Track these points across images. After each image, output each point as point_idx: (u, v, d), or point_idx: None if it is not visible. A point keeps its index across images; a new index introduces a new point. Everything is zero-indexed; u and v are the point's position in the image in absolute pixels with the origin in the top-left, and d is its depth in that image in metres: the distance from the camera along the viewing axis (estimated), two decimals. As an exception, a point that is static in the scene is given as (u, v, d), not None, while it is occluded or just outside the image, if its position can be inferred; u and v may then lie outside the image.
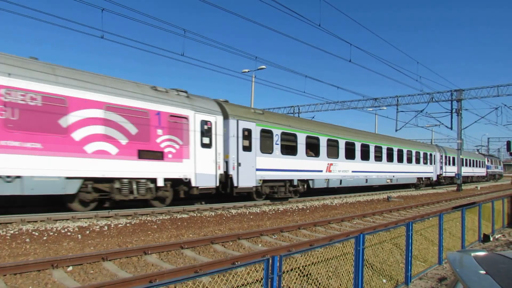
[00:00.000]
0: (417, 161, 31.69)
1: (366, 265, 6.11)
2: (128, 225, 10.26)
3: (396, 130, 37.32)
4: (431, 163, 34.49)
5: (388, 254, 7.43)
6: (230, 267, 4.58)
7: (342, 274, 6.02)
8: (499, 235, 12.39)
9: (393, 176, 27.70)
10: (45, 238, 8.37)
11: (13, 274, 5.72)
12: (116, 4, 12.03)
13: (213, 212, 13.30)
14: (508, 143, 36.34)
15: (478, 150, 65.34)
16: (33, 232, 8.72)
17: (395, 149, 28.20)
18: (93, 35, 20.88)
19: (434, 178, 35.24)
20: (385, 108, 38.54)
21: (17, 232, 8.63)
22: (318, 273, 6.42)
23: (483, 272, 1.75)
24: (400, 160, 28.69)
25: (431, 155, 34.47)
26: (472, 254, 2.13)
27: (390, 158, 27.33)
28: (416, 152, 31.56)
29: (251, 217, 12.93)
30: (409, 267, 6.60)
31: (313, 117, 43.98)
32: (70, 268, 6.20)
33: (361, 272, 5.39)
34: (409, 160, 30.25)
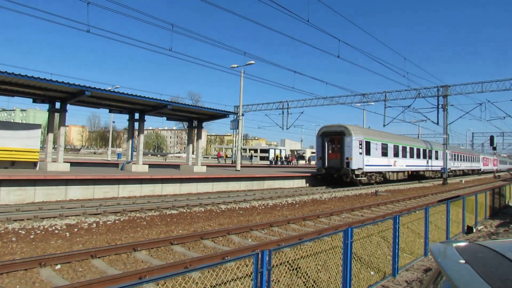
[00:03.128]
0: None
1: (355, 258, 6.21)
2: (117, 222, 10.20)
3: (384, 125, 37.75)
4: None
5: (376, 247, 7.55)
6: (220, 262, 4.62)
7: (331, 267, 6.10)
8: (482, 227, 12.70)
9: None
10: (32, 236, 8.27)
11: None
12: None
13: (203, 208, 13.29)
14: (491, 137, 37.17)
15: None
16: (20, 231, 8.60)
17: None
18: (79, 29, 20.55)
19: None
20: (373, 103, 38.95)
21: (3, 231, 8.50)
22: (308, 267, 6.50)
23: (462, 261, 1.82)
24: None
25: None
26: (454, 244, 2.20)
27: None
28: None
29: (241, 212, 12.97)
30: (396, 259, 6.72)
31: (302, 113, 44.22)
32: (59, 266, 6.15)
33: (350, 265, 5.48)
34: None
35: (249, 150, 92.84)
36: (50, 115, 18.04)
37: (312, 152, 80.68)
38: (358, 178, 25.23)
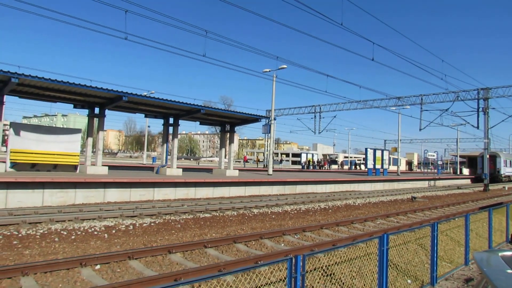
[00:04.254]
0: None
1: (391, 266, 6.03)
2: (152, 224, 10.47)
3: (420, 130, 36.58)
4: None
5: (413, 255, 7.31)
6: (253, 266, 4.62)
7: (366, 274, 5.96)
8: (530, 236, 11.95)
9: None
10: (73, 237, 8.64)
11: (44, 272, 5.92)
12: (139, 6, 12.30)
13: (235, 211, 13.39)
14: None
15: None
16: (62, 232, 9.02)
17: None
18: (117, 36, 21.43)
19: None
20: (408, 107, 37.83)
21: (46, 232, 8.93)
22: (342, 273, 6.39)
23: (510, 271, 1.73)
24: None
25: None
26: (500, 253, 2.10)
27: None
28: None
29: (273, 216, 12.95)
30: (435, 268, 6.46)
31: (335, 117, 43.74)
32: (98, 266, 6.38)
33: (386, 273, 5.32)
34: None
35: (281, 154, 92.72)
36: (89, 120, 18.82)
37: (345, 157, 79.36)
38: (502, 178, 47.31)
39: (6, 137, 23.34)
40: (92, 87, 15.13)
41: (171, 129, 21.59)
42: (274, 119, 32.66)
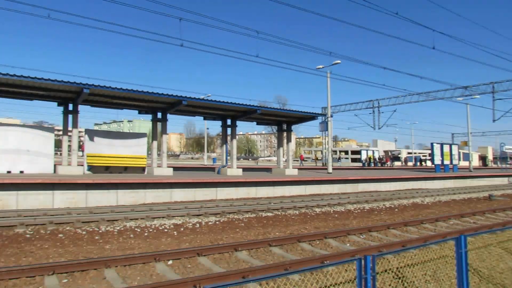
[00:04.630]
0: None
1: (470, 270, 5.60)
2: (217, 222, 10.77)
3: (494, 121, 33.64)
4: None
5: (497, 260, 6.71)
6: (320, 266, 4.55)
7: (442, 279, 5.61)
8: None
9: None
10: (146, 234, 9.16)
11: (123, 265, 6.35)
12: (192, 13, 12.73)
13: (297, 210, 13.32)
14: None
15: None
16: (136, 229, 9.60)
17: None
18: (173, 44, 22.36)
19: None
20: (478, 96, 34.89)
21: (122, 229, 9.58)
22: (414, 276, 6.06)
23: None
24: None
25: None
26: None
27: None
28: None
29: (336, 216, 12.68)
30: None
31: (395, 111, 41.82)
32: (170, 262, 6.70)
33: (466, 278, 4.93)
34: None
35: (339, 151, 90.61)
36: (153, 124, 19.89)
37: (409, 153, 75.49)
38: None
39: (81, 143, 25.60)
40: (154, 93, 15.98)
41: (229, 130, 22.04)
42: (331, 116, 31.95)
